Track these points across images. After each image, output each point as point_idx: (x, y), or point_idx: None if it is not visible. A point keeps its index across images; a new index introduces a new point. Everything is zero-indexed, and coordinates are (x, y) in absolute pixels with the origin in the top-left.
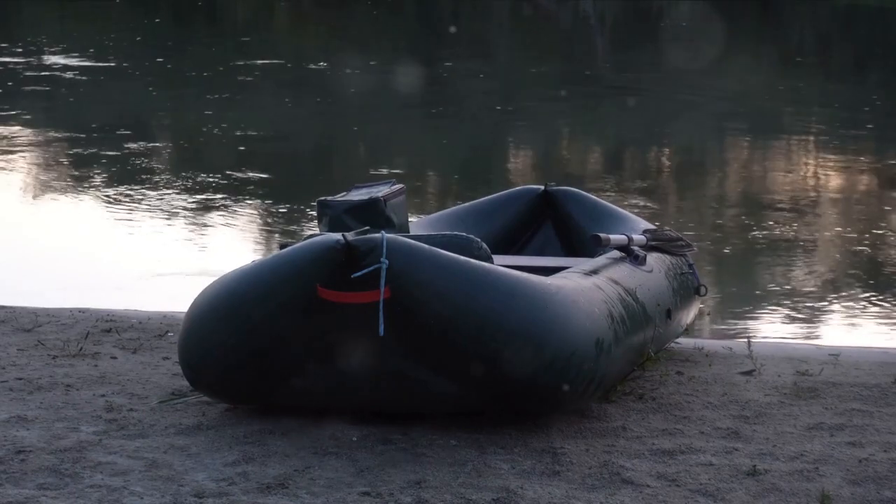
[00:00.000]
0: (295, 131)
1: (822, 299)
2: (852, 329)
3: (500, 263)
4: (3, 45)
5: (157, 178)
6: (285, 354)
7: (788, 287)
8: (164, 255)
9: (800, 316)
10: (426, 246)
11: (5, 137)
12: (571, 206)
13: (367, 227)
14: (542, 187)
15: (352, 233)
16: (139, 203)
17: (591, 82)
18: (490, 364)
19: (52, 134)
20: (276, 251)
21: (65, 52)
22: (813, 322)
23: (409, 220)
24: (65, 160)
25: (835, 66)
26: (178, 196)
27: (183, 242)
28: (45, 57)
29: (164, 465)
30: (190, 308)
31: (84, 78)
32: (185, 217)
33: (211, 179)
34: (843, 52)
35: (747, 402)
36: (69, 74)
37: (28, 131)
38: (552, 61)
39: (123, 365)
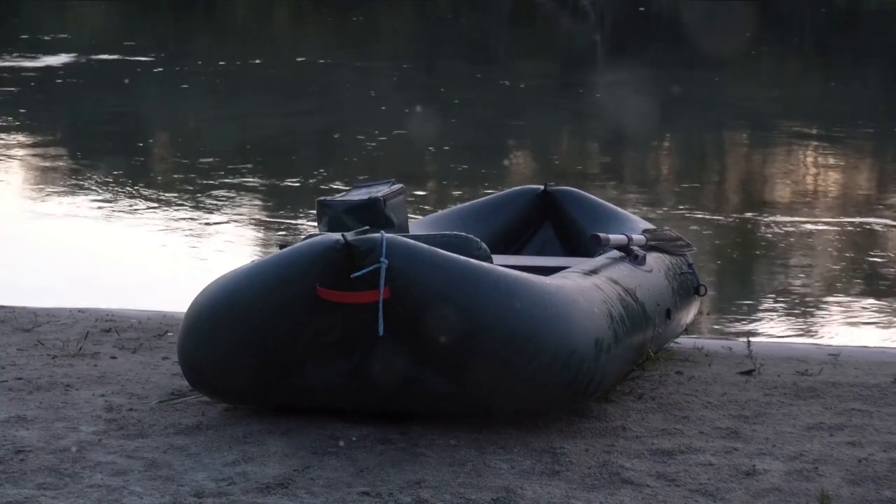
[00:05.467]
0: (295, 131)
1: (822, 299)
2: (852, 329)
3: (500, 263)
4: (2, 44)
5: (156, 178)
6: (285, 354)
7: (788, 287)
8: (164, 255)
9: (800, 316)
10: (426, 246)
11: (4, 137)
12: (571, 206)
13: (366, 227)
14: (542, 187)
15: (351, 233)
16: (138, 203)
17: (590, 82)
18: (490, 364)
19: (51, 133)
20: (276, 251)
21: (63, 51)
22: (813, 322)
23: (409, 220)
24: (64, 159)
25: (835, 66)
26: (177, 196)
27: (183, 242)
28: (44, 56)
29: (163, 464)
30: (190, 308)
31: (83, 77)
32: (184, 217)
33: (211, 179)
34: (842, 52)
35: (747, 402)
36: (68, 74)
37: (27, 131)
38: (551, 60)
39: (123, 365)
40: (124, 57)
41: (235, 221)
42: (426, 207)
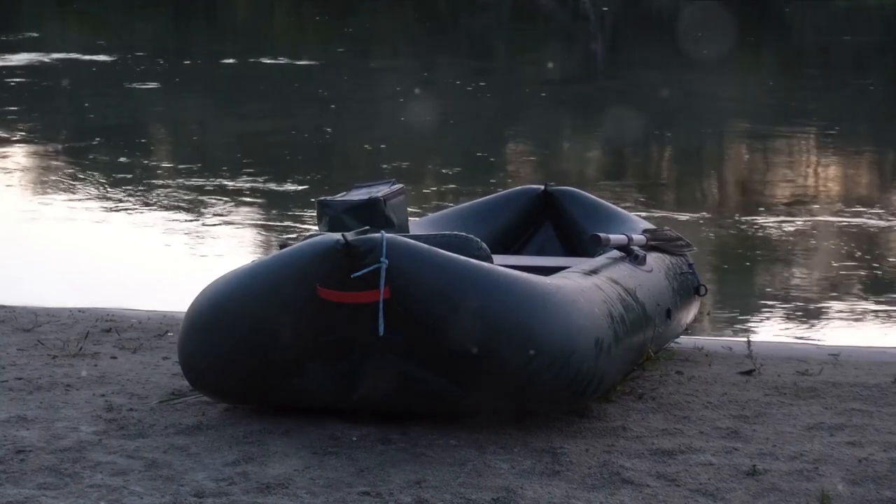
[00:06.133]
0: (295, 131)
1: (822, 299)
2: (852, 329)
3: (500, 263)
4: (2, 43)
5: (156, 178)
6: (285, 354)
7: (788, 287)
8: (164, 255)
9: (800, 316)
10: (426, 246)
11: (4, 137)
12: (571, 206)
13: (366, 227)
14: (542, 187)
15: (352, 233)
16: (139, 203)
17: (590, 82)
18: (489, 364)
19: (52, 133)
20: (276, 251)
21: (64, 50)
22: (813, 322)
23: (409, 220)
24: (64, 159)
25: (834, 66)
26: (177, 196)
27: (183, 242)
28: (45, 56)
29: (164, 464)
30: (190, 308)
31: (83, 77)
32: (184, 217)
33: (211, 179)
34: (842, 52)
35: (747, 402)
36: (68, 74)
37: (27, 131)
38: (551, 61)
39: (123, 365)
40: (123, 56)
41: (235, 221)
42: (426, 207)
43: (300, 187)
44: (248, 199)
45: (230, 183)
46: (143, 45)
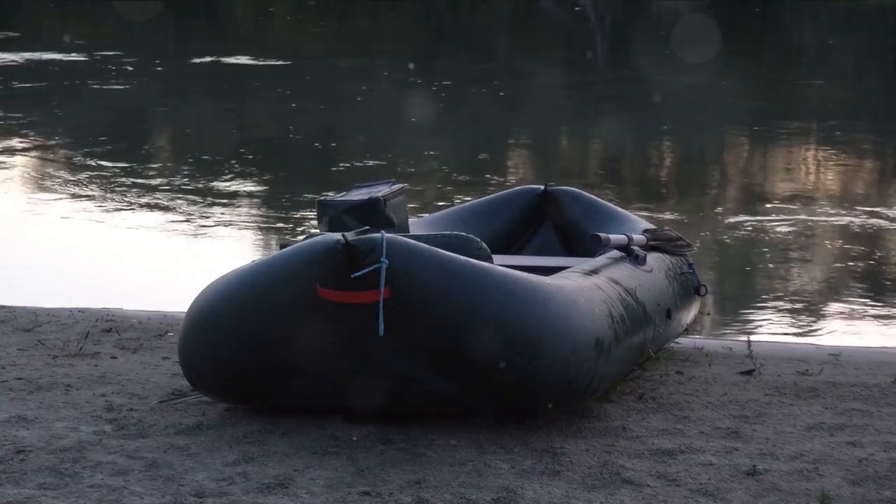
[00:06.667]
0: (295, 131)
1: (822, 299)
2: (852, 329)
3: (500, 263)
4: (2, 43)
5: (156, 178)
6: (285, 354)
7: (788, 287)
8: (164, 255)
9: (800, 316)
10: (426, 246)
11: (4, 138)
12: (571, 205)
13: (367, 227)
14: (542, 187)
15: (352, 233)
16: (139, 203)
17: (590, 82)
18: (489, 364)
19: (51, 133)
20: (276, 251)
21: (64, 50)
22: (813, 322)
23: (409, 220)
24: (64, 160)
25: (834, 66)
26: (177, 195)
27: (183, 242)
28: (45, 56)
29: (164, 465)
30: (190, 308)
31: (83, 78)
32: (184, 217)
33: (210, 179)
34: (842, 52)
35: (747, 402)
36: (68, 74)
37: (27, 131)
38: (552, 61)
39: (123, 365)
40: (124, 57)
41: (235, 221)
42: (426, 207)
43: (300, 186)
44: (248, 199)
45: (230, 182)
46: (143, 45)
